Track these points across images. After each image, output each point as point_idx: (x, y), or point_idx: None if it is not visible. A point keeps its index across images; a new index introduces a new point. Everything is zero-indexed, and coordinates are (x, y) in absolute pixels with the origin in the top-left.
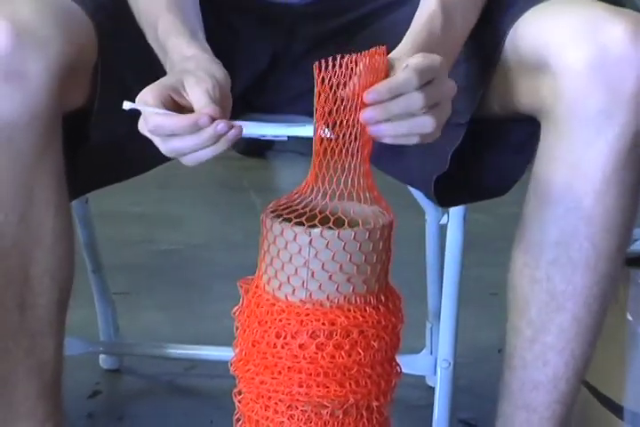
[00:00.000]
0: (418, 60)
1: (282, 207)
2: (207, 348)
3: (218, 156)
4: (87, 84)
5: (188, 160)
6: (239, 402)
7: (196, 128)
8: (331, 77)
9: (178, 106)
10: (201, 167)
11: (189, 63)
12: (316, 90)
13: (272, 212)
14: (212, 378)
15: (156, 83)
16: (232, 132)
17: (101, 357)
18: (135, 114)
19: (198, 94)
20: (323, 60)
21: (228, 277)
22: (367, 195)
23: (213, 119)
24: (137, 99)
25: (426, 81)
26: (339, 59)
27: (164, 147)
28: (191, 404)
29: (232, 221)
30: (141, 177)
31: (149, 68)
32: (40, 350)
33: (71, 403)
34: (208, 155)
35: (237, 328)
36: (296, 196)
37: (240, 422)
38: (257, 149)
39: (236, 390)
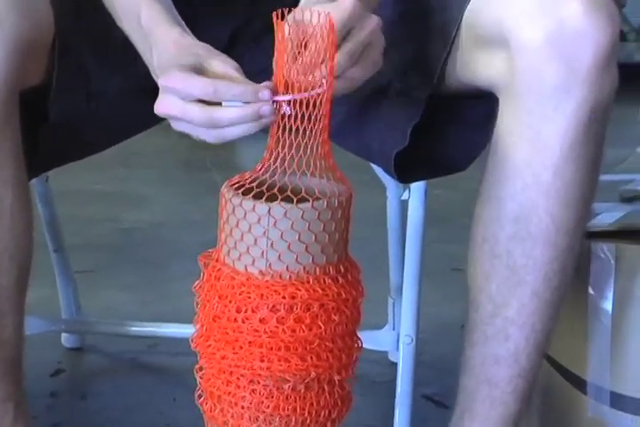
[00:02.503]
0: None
1: (245, 179)
2: (170, 325)
3: (179, 133)
4: (44, 62)
5: (226, 134)
6: (201, 378)
7: (255, 98)
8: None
9: None
10: (162, 146)
11: (196, 49)
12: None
13: (232, 185)
14: (174, 356)
15: (174, 65)
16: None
17: (63, 335)
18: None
19: (236, 74)
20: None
21: (190, 255)
22: (323, 163)
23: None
24: (163, 83)
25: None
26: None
27: (204, 116)
28: (154, 381)
29: (194, 199)
30: (103, 156)
31: (107, 45)
32: None
33: (33, 382)
34: (249, 130)
35: (198, 304)
36: (258, 168)
37: (202, 399)
38: None
39: (197, 367)
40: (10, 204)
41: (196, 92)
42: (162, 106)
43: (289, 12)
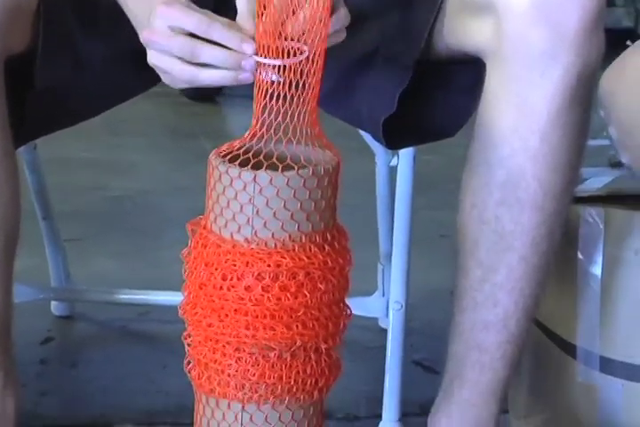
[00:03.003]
0: None
1: (234, 146)
2: (159, 293)
3: (167, 101)
4: (29, 29)
5: (201, 76)
6: (189, 346)
7: (239, 46)
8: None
9: None
10: (151, 113)
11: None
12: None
13: (220, 152)
14: (164, 323)
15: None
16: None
17: (53, 303)
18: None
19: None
20: None
21: (179, 222)
22: (310, 131)
23: None
24: (161, 12)
25: None
26: None
27: (188, 45)
28: (144, 349)
29: (183, 167)
30: (91, 123)
31: (93, 11)
32: None
33: (23, 350)
34: (224, 78)
35: (186, 271)
36: (246, 136)
37: (190, 366)
38: (207, 93)
39: (185, 334)
40: None
41: (190, 25)
42: (150, 32)
43: None
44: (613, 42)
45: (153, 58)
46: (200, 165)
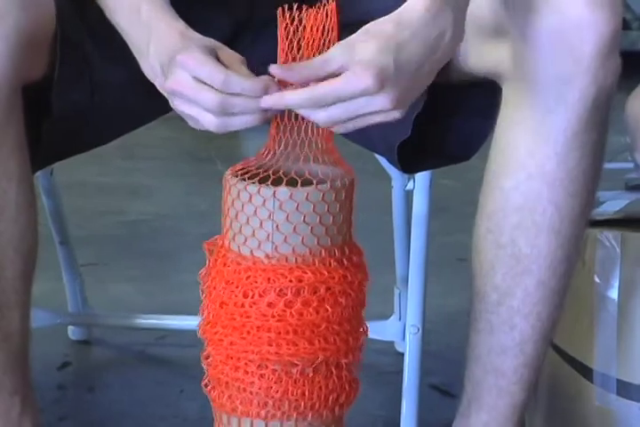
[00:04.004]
0: (369, 56)
1: (248, 165)
2: (177, 317)
3: (182, 125)
4: (47, 54)
5: (233, 122)
6: (208, 366)
7: (263, 94)
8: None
9: None
10: (166, 137)
11: (203, 41)
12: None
13: (235, 171)
14: (182, 348)
15: (191, 45)
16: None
17: (70, 328)
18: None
19: (244, 68)
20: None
21: (196, 246)
22: (323, 146)
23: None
24: (183, 60)
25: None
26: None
27: (218, 100)
28: (161, 374)
29: (199, 190)
30: (107, 148)
31: (110, 37)
32: (5, 322)
33: (40, 375)
34: (254, 121)
35: (203, 291)
36: (260, 154)
37: (209, 387)
38: None
39: (204, 354)
40: (14, 197)
41: (208, 79)
42: (175, 82)
43: (289, 8)
44: (629, 65)
45: (179, 106)
46: (216, 189)
